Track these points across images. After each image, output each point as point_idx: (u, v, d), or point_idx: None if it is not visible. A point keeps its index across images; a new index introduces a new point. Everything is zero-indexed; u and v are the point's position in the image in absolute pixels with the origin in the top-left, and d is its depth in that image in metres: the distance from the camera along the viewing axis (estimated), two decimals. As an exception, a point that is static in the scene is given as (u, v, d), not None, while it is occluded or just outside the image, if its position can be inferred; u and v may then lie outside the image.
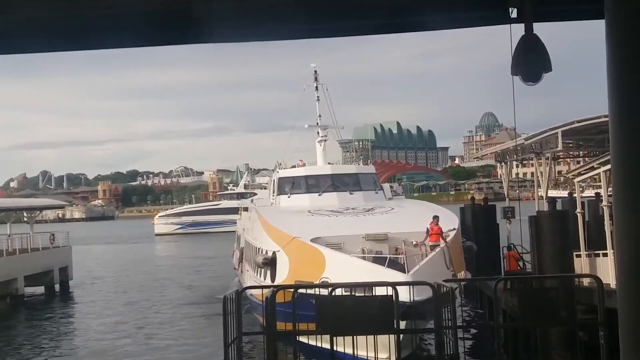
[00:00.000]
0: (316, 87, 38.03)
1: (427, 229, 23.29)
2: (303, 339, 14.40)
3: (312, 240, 22.88)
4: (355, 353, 8.91)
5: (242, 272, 35.42)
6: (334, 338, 8.37)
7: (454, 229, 24.47)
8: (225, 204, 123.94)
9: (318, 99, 37.86)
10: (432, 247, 22.63)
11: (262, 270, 24.84)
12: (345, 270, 19.41)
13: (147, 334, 29.60)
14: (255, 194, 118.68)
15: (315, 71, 38.14)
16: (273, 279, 23.04)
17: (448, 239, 22.91)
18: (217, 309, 31.32)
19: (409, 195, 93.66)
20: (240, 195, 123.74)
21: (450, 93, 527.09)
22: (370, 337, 8.85)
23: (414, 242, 23.32)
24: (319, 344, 8.66)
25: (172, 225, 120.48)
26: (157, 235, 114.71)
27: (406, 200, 36.72)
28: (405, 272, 18.94)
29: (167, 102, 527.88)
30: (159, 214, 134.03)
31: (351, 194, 31.48)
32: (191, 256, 68.27)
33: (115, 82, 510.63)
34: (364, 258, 21.81)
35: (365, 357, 8.90)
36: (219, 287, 39.59)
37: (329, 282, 16.17)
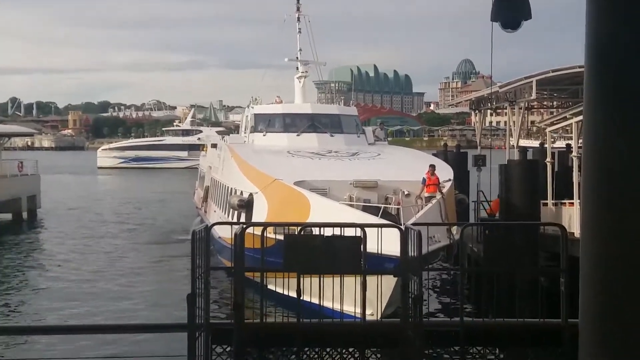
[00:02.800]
0: (298, 17, 35.59)
1: (424, 178, 21.65)
2: (270, 286, 13.52)
3: (296, 183, 21.19)
4: (322, 303, 8.83)
5: (206, 211, 34.17)
6: (301, 279, 8.38)
7: (450, 179, 23.00)
8: (170, 140, 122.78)
9: (299, 31, 35.48)
10: (428, 199, 21.06)
11: (236, 213, 23.02)
12: (332, 218, 17.13)
13: (111, 267, 29.51)
14: (200, 131, 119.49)
15: (298, 0, 35.59)
16: None
17: (444, 190, 21.46)
18: (178, 249, 31.32)
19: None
20: (186, 132, 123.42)
21: (428, 38, 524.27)
22: (338, 287, 8.77)
23: (406, 192, 21.62)
24: (286, 292, 8.66)
25: (115, 159, 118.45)
26: (99, 168, 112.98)
27: (389, 146, 34.78)
28: (400, 224, 17.64)
29: (143, 33, 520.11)
30: (102, 147, 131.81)
31: (332, 136, 29.78)
32: (147, 191, 67.21)
33: (91, 10, 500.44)
34: (351, 206, 20.20)
35: (331, 308, 8.91)
36: (181, 226, 39.07)
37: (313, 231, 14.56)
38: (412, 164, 24.71)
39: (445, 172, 23.41)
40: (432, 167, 22.11)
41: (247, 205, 22.29)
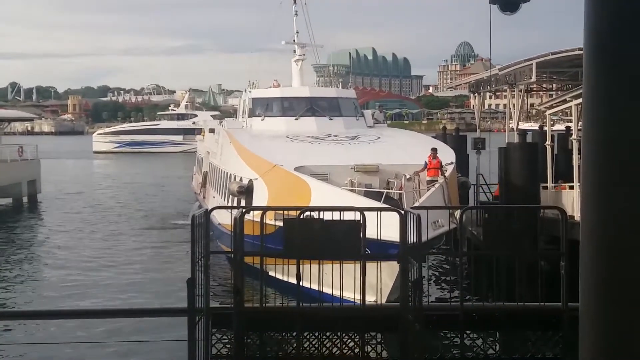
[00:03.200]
0: (294, 0, 35.13)
1: (425, 162, 21.41)
2: (270, 273, 13.21)
3: (296, 169, 20.92)
4: (322, 289, 8.76)
5: (205, 197, 33.97)
6: (301, 265, 8.35)
7: (452, 162, 22.67)
8: (165, 124, 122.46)
9: (296, 14, 34.91)
10: (430, 183, 20.77)
11: (236, 199, 22.65)
12: (334, 204, 16.34)
13: (111, 253, 29.49)
14: (195, 115, 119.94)
15: None
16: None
17: (447, 174, 21.14)
18: (177, 234, 31.31)
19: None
20: (181, 116, 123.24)
21: (427, 20, 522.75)
22: (338, 274, 8.71)
23: (408, 176, 21.20)
24: (285, 279, 8.63)
25: (110, 144, 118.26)
26: (95, 152, 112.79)
27: (389, 128, 34.41)
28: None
29: (139, 18, 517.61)
30: (97, 132, 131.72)
31: (330, 119, 29.41)
32: (144, 176, 66.94)
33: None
34: (353, 191, 19.87)
35: (331, 294, 8.90)
36: (179, 211, 38.97)
37: (315, 216, 14.04)
38: (413, 147, 24.35)
39: (447, 155, 23.07)
40: (434, 150, 21.77)
41: (247, 191, 22.01)
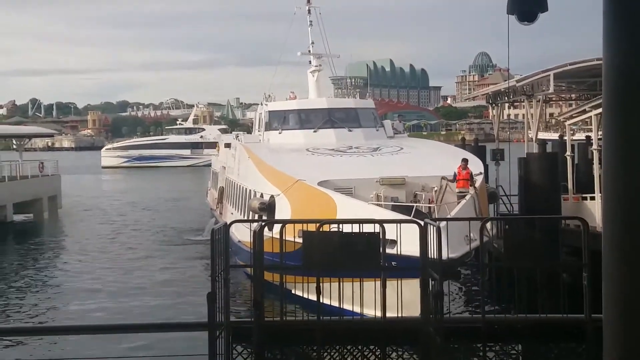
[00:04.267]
0: (308, 10, 34.36)
1: (455, 173, 20.54)
2: (290, 290, 13.53)
3: (319, 183, 20.15)
4: (342, 305, 8.71)
5: (222, 213, 33.58)
6: (321, 282, 8.30)
7: (481, 173, 22.06)
8: (173, 138, 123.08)
9: (311, 24, 34.24)
10: (459, 194, 19.99)
11: (256, 216, 21.44)
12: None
13: (130, 268, 29.45)
14: (203, 129, 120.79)
15: None
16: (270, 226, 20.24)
17: (477, 185, 20.50)
18: (195, 250, 31.31)
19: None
20: (189, 130, 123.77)
21: (444, 31, 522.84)
22: (358, 290, 8.62)
23: (436, 188, 20.46)
24: (305, 295, 8.56)
25: (119, 158, 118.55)
26: (103, 167, 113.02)
27: (410, 139, 33.85)
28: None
29: (158, 33, 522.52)
30: (106, 147, 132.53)
31: (350, 130, 28.78)
32: (157, 191, 66.83)
33: (106, 10, 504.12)
34: (380, 205, 19.15)
35: (351, 309, 8.85)
36: (196, 226, 38.87)
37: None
38: (438, 157, 23.79)
39: (475, 165, 22.41)
40: (465, 161, 20.97)
41: (268, 208, 21.28)
